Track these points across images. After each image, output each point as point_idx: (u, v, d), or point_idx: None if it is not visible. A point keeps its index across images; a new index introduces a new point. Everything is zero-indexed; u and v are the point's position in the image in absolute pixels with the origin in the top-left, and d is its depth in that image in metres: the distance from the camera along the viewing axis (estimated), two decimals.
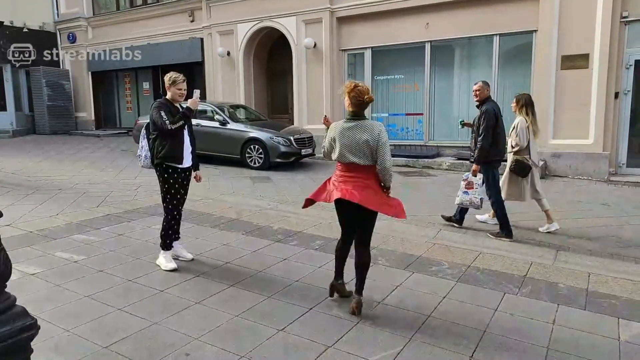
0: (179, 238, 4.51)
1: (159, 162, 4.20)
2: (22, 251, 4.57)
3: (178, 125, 4.10)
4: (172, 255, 4.36)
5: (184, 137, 4.25)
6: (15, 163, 10.51)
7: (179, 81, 4.19)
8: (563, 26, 9.13)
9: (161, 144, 4.17)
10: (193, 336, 3.03)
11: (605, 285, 3.89)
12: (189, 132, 4.35)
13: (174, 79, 4.19)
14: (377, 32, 11.57)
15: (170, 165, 4.20)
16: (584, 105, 9.06)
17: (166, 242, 4.34)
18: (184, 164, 4.27)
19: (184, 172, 4.35)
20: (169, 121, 4.07)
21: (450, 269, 4.25)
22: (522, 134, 5.38)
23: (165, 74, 4.36)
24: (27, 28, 17.39)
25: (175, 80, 4.19)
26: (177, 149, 4.20)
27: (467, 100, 11.06)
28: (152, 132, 4.27)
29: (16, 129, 16.95)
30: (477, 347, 2.94)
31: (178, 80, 4.19)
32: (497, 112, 5.36)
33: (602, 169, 8.98)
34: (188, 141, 4.33)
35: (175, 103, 4.27)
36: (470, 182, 5.47)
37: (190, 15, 14.86)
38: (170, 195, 4.29)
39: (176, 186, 4.29)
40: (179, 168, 4.25)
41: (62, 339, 2.98)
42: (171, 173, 4.23)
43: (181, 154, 4.23)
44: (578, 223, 5.98)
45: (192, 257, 4.48)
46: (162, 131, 4.12)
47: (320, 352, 2.86)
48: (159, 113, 4.10)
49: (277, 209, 6.55)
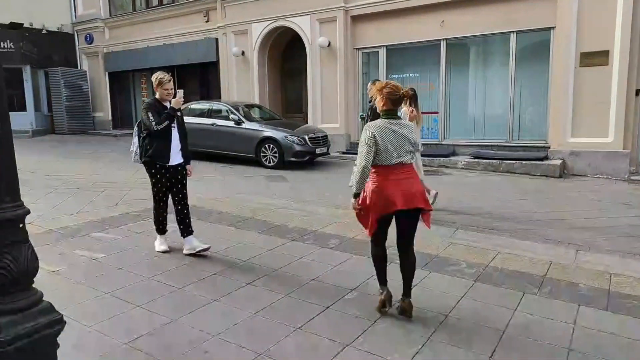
0: (192, 232, 4.68)
1: (146, 160, 4.49)
2: (43, 249, 4.64)
3: (164, 125, 4.33)
4: (189, 248, 4.59)
5: (171, 136, 4.46)
6: (34, 162, 10.70)
7: (165, 81, 4.41)
8: (582, 23, 8.98)
9: (149, 143, 4.44)
10: (211, 333, 3.05)
11: (627, 286, 3.81)
12: (178, 129, 4.54)
13: (160, 80, 4.42)
14: (392, 31, 11.52)
15: (157, 162, 4.45)
16: (603, 103, 8.90)
17: (158, 228, 4.70)
18: (171, 162, 4.48)
19: (172, 169, 4.54)
20: (155, 122, 4.31)
21: (468, 268, 4.21)
22: None
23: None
24: (46, 30, 17.70)
25: (161, 81, 4.41)
26: (163, 148, 4.43)
27: (483, 98, 10.96)
28: (142, 131, 4.51)
29: (35, 129, 17.26)
30: (497, 347, 2.91)
31: (164, 80, 4.42)
32: None
33: (622, 168, 8.81)
34: (177, 139, 4.52)
35: (164, 102, 4.48)
36: None
37: (205, 15, 14.96)
38: (157, 189, 4.56)
39: (163, 181, 4.53)
40: (165, 165, 4.47)
41: (83, 335, 3.03)
42: (158, 169, 4.48)
43: (168, 153, 4.44)
44: (597, 223, 5.88)
45: (208, 246, 4.60)
46: (149, 131, 4.38)
47: (338, 350, 2.86)
48: (146, 114, 4.35)
49: (292, 207, 6.56)
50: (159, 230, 4.71)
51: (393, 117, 3.20)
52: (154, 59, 16.01)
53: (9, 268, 1.73)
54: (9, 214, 1.77)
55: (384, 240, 3.34)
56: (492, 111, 10.89)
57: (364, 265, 4.27)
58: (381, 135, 3.09)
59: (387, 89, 3.16)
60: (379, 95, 3.18)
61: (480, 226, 5.71)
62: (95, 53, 18.42)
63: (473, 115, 11.13)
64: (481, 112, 11.01)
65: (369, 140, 3.09)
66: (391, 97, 3.16)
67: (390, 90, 3.15)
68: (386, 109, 3.20)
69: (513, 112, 10.39)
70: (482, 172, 9.53)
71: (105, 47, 18.07)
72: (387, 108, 3.19)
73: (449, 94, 11.22)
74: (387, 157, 3.09)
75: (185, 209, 4.63)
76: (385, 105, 3.18)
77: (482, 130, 11.00)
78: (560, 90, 9.32)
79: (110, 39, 18.02)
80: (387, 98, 3.16)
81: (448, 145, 11.11)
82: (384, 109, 3.20)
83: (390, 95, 3.15)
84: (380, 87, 3.19)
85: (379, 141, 3.08)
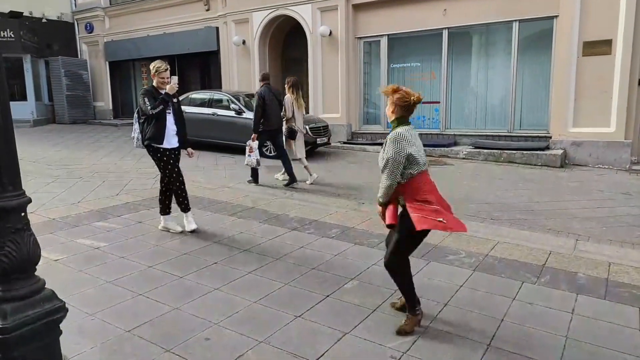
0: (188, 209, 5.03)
1: (147, 143, 4.78)
2: (45, 238, 4.68)
3: (158, 109, 4.63)
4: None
5: (166, 120, 4.74)
6: (36, 152, 10.72)
7: (161, 70, 4.72)
8: (585, 11, 8.91)
9: (147, 127, 4.74)
10: (212, 321, 3.09)
11: (626, 275, 3.84)
12: (174, 116, 4.84)
13: (157, 68, 4.73)
14: (394, 19, 11.44)
15: (155, 145, 4.73)
16: (606, 93, 8.85)
17: (161, 208, 5.01)
18: (164, 144, 4.75)
19: (170, 152, 4.81)
20: (150, 106, 4.61)
21: (467, 257, 4.24)
22: (287, 106, 7.27)
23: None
24: (46, 18, 17.60)
25: (158, 70, 4.72)
26: (158, 131, 4.71)
27: (485, 88, 10.91)
28: (141, 117, 4.85)
29: (36, 119, 17.25)
30: (495, 335, 2.94)
31: (160, 69, 4.72)
32: (265, 95, 7.21)
33: (623, 158, 8.80)
34: (172, 123, 4.82)
35: (160, 90, 4.76)
36: (251, 147, 7.19)
37: (206, 4, 14.86)
38: (168, 170, 4.84)
39: (167, 161, 4.82)
40: (161, 148, 4.75)
41: (86, 323, 3.07)
42: (162, 152, 4.77)
43: (162, 135, 4.72)
44: (597, 213, 5.89)
45: (196, 226, 4.96)
46: (146, 115, 4.68)
47: (337, 338, 2.90)
48: (143, 99, 4.66)
49: (293, 197, 6.58)
50: (162, 210, 4.99)
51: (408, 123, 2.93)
52: (155, 48, 15.93)
53: (12, 256, 1.76)
54: (11, 202, 1.78)
55: None
56: (493, 101, 10.85)
57: (364, 255, 4.31)
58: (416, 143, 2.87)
59: (398, 94, 2.87)
60: (391, 98, 2.90)
61: (480, 216, 5.72)
62: (95, 42, 18.34)
63: (475, 104, 11.09)
64: (483, 101, 10.97)
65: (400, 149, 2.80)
66: (401, 104, 2.86)
67: (400, 96, 2.86)
68: (398, 117, 2.89)
69: (515, 102, 10.35)
70: (483, 162, 9.52)
71: (105, 36, 17.99)
72: (399, 116, 2.89)
73: (450, 83, 11.17)
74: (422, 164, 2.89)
75: (178, 191, 4.93)
76: (396, 112, 2.89)
77: (483, 120, 10.97)
78: (562, 79, 9.27)
79: (110, 28, 17.93)
80: (396, 105, 2.87)
81: (449, 135, 11.08)
82: (397, 117, 2.89)
83: (400, 102, 2.86)
84: (392, 90, 2.90)
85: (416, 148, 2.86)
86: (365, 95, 12.53)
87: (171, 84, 4.74)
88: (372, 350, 2.78)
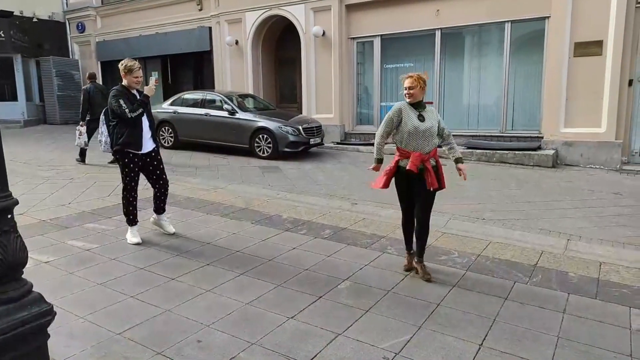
0: (164, 211, 4.89)
1: (118, 149, 4.44)
2: (36, 239, 4.64)
3: (137, 113, 4.33)
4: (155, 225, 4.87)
5: (142, 123, 4.47)
6: (27, 153, 10.61)
7: (135, 69, 4.37)
8: (576, 12, 8.96)
9: (120, 132, 4.39)
10: (204, 323, 3.06)
11: (617, 275, 3.86)
12: (147, 117, 4.56)
13: (130, 67, 4.36)
14: (387, 20, 11.45)
15: (130, 151, 4.43)
16: (597, 93, 8.92)
17: (129, 219, 4.63)
18: (143, 149, 4.50)
19: (145, 156, 4.57)
20: (128, 109, 4.28)
21: (459, 258, 4.25)
22: None
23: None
24: (37, 18, 17.43)
25: (131, 69, 4.36)
26: (136, 136, 4.42)
27: (477, 88, 10.95)
28: (111, 119, 4.47)
29: (27, 119, 17.05)
30: (487, 335, 2.94)
31: (134, 68, 4.37)
32: (90, 90, 8.93)
33: (614, 158, 8.86)
34: (147, 126, 4.54)
35: (132, 90, 4.46)
36: (80, 132, 8.83)
37: (199, 4, 14.78)
38: (129, 178, 4.54)
39: (135, 169, 4.54)
40: (139, 154, 4.48)
41: (76, 326, 3.03)
42: (131, 158, 4.47)
43: (140, 140, 4.45)
44: (588, 212, 5.93)
45: (174, 231, 4.84)
46: (122, 119, 4.33)
47: (330, 339, 2.89)
48: (118, 102, 4.30)
49: (286, 198, 6.57)
50: (130, 221, 4.63)
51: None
52: (147, 48, 15.82)
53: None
54: None
55: None
56: (486, 101, 10.88)
57: (357, 255, 4.30)
58: None
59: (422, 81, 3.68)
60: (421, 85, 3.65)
61: (473, 216, 5.74)
62: (87, 42, 18.17)
63: (467, 105, 11.12)
64: (475, 102, 11.00)
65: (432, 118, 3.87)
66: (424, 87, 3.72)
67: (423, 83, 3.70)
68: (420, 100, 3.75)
69: (507, 102, 10.39)
70: (476, 162, 9.55)
71: (97, 36, 17.83)
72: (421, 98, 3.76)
73: (443, 84, 11.20)
74: None
75: (165, 193, 4.77)
76: (421, 94, 3.71)
77: (476, 120, 11.01)
78: (554, 80, 9.31)
79: (102, 28, 17.79)
80: (422, 89, 3.70)
81: None
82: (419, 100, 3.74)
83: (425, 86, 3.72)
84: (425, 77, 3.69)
85: None
86: (359, 95, 12.53)
87: (150, 86, 4.45)
88: (365, 351, 2.77)
